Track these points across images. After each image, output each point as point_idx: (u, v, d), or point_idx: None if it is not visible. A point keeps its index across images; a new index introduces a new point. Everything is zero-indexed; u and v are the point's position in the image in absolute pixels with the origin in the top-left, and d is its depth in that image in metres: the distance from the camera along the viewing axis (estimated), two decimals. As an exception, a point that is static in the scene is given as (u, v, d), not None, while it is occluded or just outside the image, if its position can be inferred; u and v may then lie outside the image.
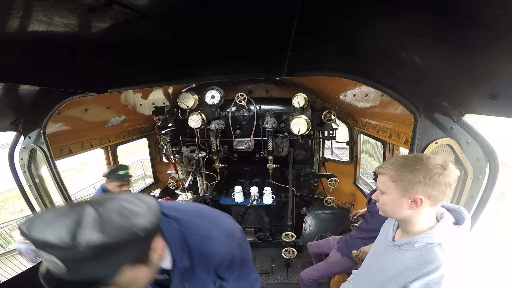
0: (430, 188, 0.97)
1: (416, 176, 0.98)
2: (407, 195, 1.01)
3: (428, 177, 0.97)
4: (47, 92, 1.86)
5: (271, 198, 3.35)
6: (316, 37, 1.33)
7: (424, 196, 0.99)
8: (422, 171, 0.98)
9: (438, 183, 0.97)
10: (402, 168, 1.02)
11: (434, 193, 0.98)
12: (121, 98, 2.90)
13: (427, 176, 0.97)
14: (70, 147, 2.73)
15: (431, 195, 0.98)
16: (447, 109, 1.42)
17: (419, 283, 0.99)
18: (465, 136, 1.52)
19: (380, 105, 2.60)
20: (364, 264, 1.43)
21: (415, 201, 1.01)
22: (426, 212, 1.05)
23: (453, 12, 0.76)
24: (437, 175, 0.96)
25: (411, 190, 1.00)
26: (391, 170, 1.05)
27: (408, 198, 1.02)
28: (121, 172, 2.63)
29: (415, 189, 0.99)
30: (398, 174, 1.03)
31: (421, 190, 0.99)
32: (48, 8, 0.80)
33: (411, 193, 1.00)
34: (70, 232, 0.65)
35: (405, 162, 1.04)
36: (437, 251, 0.99)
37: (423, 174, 0.97)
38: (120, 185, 2.63)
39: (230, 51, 1.49)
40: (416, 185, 0.99)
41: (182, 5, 0.95)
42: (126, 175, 2.66)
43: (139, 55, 1.55)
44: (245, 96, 2.95)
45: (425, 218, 1.06)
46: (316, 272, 2.58)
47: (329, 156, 4.56)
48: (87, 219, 0.68)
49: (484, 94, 1.11)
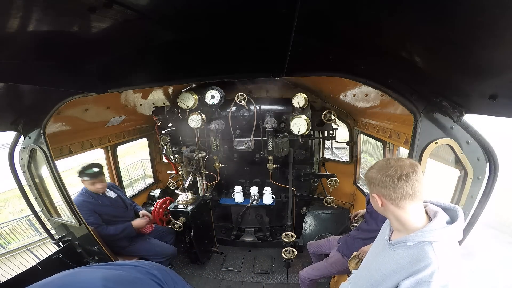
0: (378, 187, 1.08)
1: (370, 176, 1.11)
2: (371, 194, 1.13)
3: (384, 176, 1.06)
4: (47, 92, 1.86)
5: (271, 198, 3.35)
6: (316, 37, 1.33)
7: (377, 195, 1.10)
8: (374, 172, 1.10)
9: (382, 182, 1.06)
10: (368, 170, 1.16)
11: (384, 192, 1.07)
12: (121, 98, 2.89)
13: (376, 176, 1.08)
14: (70, 147, 2.73)
15: (383, 194, 1.08)
16: (447, 109, 1.42)
17: (410, 281, 1.01)
18: (465, 136, 1.52)
19: (380, 105, 2.60)
20: (364, 263, 1.44)
21: (375, 199, 1.12)
22: (395, 211, 1.10)
23: (453, 12, 0.76)
24: (381, 175, 1.06)
25: (370, 189, 1.13)
26: (368, 172, 1.17)
27: (372, 196, 1.13)
28: (89, 170, 2.67)
29: (371, 187, 1.12)
30: (365, 175, 1.17)
31: (374, 189, 1.10)
32: (48, 8, 0.80)
33: (371, 191, 1.13)
34: None
35: (373, 165, 1.15)
36: (428, 250, 1.01)
37: (374, 174, 1.09)
38: (93, 182, 2.68)
39: (230, 51, 1.49)
40: (371, 185, 1.12)
41: (182, 5, 0.95)
42: (94, 173, 2.68)
43: (139, 55, 1.55)
44: (245, 96, 2.95)
45: (401, 217, 1.10)
46: (315, 271, 2.58)
47: (329, 156, 4.56)
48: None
49: (484, 94, 1.11)
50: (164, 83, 1.94)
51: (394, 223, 1.17)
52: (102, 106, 2.75)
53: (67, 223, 2.40)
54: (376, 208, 1.18)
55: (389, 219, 1.19)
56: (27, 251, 8.00)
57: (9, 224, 10.00)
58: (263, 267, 3.48)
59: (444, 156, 1.69)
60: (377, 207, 1.17)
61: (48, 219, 2.49)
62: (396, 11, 0.88)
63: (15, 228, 10.01)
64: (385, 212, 1.15)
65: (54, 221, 2.48)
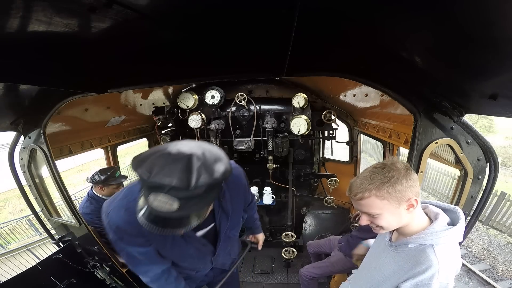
0: (414, 187, 1.03)
1: (401, 183, 0.99)
2: (403, 203, 1.02)
3: (408, 178, 1.01)
4: (47, 92, 1.86)
5: (271, 198, 3.35)
6: (316, 37, 1.33)
7: (415, 196, 1.03)
8: (401, 176, 1.00)
9: (415, 180, 1.03)
10: (384, 184, 1.00)
11: (417, 189, 1.04)
12: (121, 98, 2.89)
13: (407, 178, 1.01)
14: (70, 147, 2.73)
15: (417, 192, 1.04)
16: (447, 109, 1.42)
17: (409, 283, 1.01)
18: (465, 136, 1.52)
19: (380, 105, 2.60)
20: (363, 263, 1.44)
21: (412, 205, 1.03)
22: (418, 210, 1.09)
23: (453, 12, 0.76)
24: (412, 173, 1.03)
25: (404, 197, 1.00)
26: (373, 190, 1.01)
27: (404, 205, 1.02)
28: (117, 173, 2.67)
29: (406, 194, 1.00)
30: (383, 190, 0.99)
31: (411, 193, 1.01)
32: (48, 8, 0.80)
33: (405, 199, 1.01)
34: (188, 177, 0.82)
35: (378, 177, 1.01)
36: (429, 252, 1.00)
37: (405, 179, 1.00)
38: (118, 186, 2.69)
39: (230, 51, 1.49)
40: (406, 191, 1.00)
41: (182, 4, 0.95)
42: (122, 175, 2.71)
43: (139, 55, 1.54)
44: (245, 96, 2.95)
45: (417, 217, 1.10)
46: (316, 269, 2.58)
47: (329, 156, 4.56)
48: (196, 165, 0.84)
49: (484, 94, 1.11)
50: (164, 83, 1.94)
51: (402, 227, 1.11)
52: (102, 106, 2.75)
53: (67, 223, 2.40)
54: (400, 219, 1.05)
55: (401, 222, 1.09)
56: (27, 251, 8.01)
57: (9, 224, 10.01)
58: (263, 267, 3.48)
59: (444, 156, 1.69)
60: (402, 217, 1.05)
61: (48, 219, 2.49)
62: (396, 11, 0.88)
63: (15, 228, 10.02)
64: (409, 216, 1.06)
65: (54, 221, 2.48)
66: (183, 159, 0.85)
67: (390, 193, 0.99)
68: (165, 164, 0.84)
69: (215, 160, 0.91)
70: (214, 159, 0.91)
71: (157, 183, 0.81)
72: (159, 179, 0.81)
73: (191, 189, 0.81)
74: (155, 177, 0.81)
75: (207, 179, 0.84)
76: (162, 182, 0.80)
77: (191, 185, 0.81)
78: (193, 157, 0.86)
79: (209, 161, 0.89)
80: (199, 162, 0.85)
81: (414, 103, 1.52)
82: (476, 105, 1.32)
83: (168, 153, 0.87)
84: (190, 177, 0.82)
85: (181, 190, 0.81)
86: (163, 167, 0.83)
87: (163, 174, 0.81)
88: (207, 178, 0.84)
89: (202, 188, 0.84)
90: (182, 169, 0.82)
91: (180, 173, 0.82)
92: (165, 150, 0.90)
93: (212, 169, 0.87)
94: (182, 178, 0.81)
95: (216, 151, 0.97)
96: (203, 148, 0.93)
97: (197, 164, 0.85)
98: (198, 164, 0.85)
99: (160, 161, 0.85)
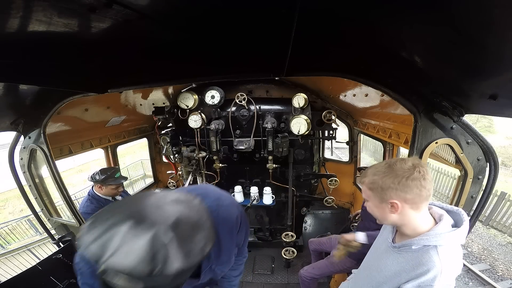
0: (402, 192, 1.00)
1: (385, 182, 1.02)
2: (384, 202, 1.04)
3: (397, 181, 0.99)
4: (47, 92, 1.86)
5: (271, 198, 3.35)
6: (316, 37, 1.33)
7: (398, 201, 1.01)
8: (391, 176, 1.01)
9: (408, 186, 0.99)
10: (374, 176, 1.07)
11: (408, 196, 1.00)
12: (121, 98, 2.89)
13: (395, 181, 1.00)
14: (70, 147, 2.73)
15: (406, 198, 1.01)
16: (447, 109, 1.42)
17: (411, 285, 1.01)
18: (465, 136, 1.52)
19: (380, 105, 2.60)
20: (363, 264, 1.44)
21: (393, 206, 1.03)
22: (413, 214, 1.06)
23: (453, 12, 0.76)
24: (405, 179, 0.99)
25: (385, 196, 1.03)
26: (367, 179, 1.09)
27: (386, 203, 1.04)
28: (117, 174, 2.65)
29: (388, 194, 1.02)
30: (372, 182, 1.07)
31: (394, 195, 1.01)
32: (48, 8, 0.80)
33: (386, 199, 1.03)
34: (155, 263, 0.64)
35: (377, 170, 1.07)
36: (432, 253, 1.00)
37: (391, 179, 1.01)
38: (117, 186, 2.67)
39: (230, 51, 1.49)
40: (388, 191, 1.02)
41: (182, 4, 0.95)
42: (122, 176, 2.69)
43: (139, 55, 1.54)
44: (245, 96, 2.95)
45: (416, 220, 1.07)
46: (316, 270, 2.58)
47: (329, 156, 4.56)
48: (163, 242, 0.65)
49: (484, 94, 1.11)
50: (164, 83, 1.94)
51: (401, 227, 1.12)
52: (102, 106, 2.75)
53: (67, 223, 2.40)
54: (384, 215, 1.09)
55: (395, 224, 1.12)
56: (27, 251, 8.02)
57: (9, 224, 10.02)
58: (263, 267, 3.48)
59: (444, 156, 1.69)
60: (386, 214, 1.08)
61: (48, 219, 2.49)
62: (396, 11, 0.88)
63: (15, 228, 10.03)
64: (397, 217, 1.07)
65: (54, 221, 2.48)
66: (146, 233, 0.65)
67: (375, 187, 1.06)
68: (124, 242, 0.64)
69: (193, 229, 0.73)
70: (192, 227, 0.73)
71: (115, 268, 0.64)
72: (112, 264, 0.63)
73: (155, 275, 0.64)
74: (108, 260, 0.63)
75: (177, 263, 0.66)
76: (121, 268, 0.63)
77: (154, 272, 0.63)
78: (159, 230, 0.66)
79: (184, 233, 0.70)
80: (167, 237, 0.66)
81: (414, 103, 1.52)
82: (476, 105, 1.32)
83: (130, 221, 0.67)
84: (153, 261, 0.63)
85: (141, 278, 0.64)
86: (121, 245, 0.64)
87: (118, 257, 0.63)
88: (177, 262, 0.66)
89: (169, 274, 0.65)
90: (145, 249, 0.63)
91: (141, 255, 0.63)
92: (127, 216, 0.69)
93: (187, 247, 0.69)
94: (143, 263, 0.62)
95: (195, 214, 0.77)
96: (179, 212, 0.73)
97: (165, 240, 0.65)
98: (167, 240, 0.66)
99: (118, 234, 0.65)
